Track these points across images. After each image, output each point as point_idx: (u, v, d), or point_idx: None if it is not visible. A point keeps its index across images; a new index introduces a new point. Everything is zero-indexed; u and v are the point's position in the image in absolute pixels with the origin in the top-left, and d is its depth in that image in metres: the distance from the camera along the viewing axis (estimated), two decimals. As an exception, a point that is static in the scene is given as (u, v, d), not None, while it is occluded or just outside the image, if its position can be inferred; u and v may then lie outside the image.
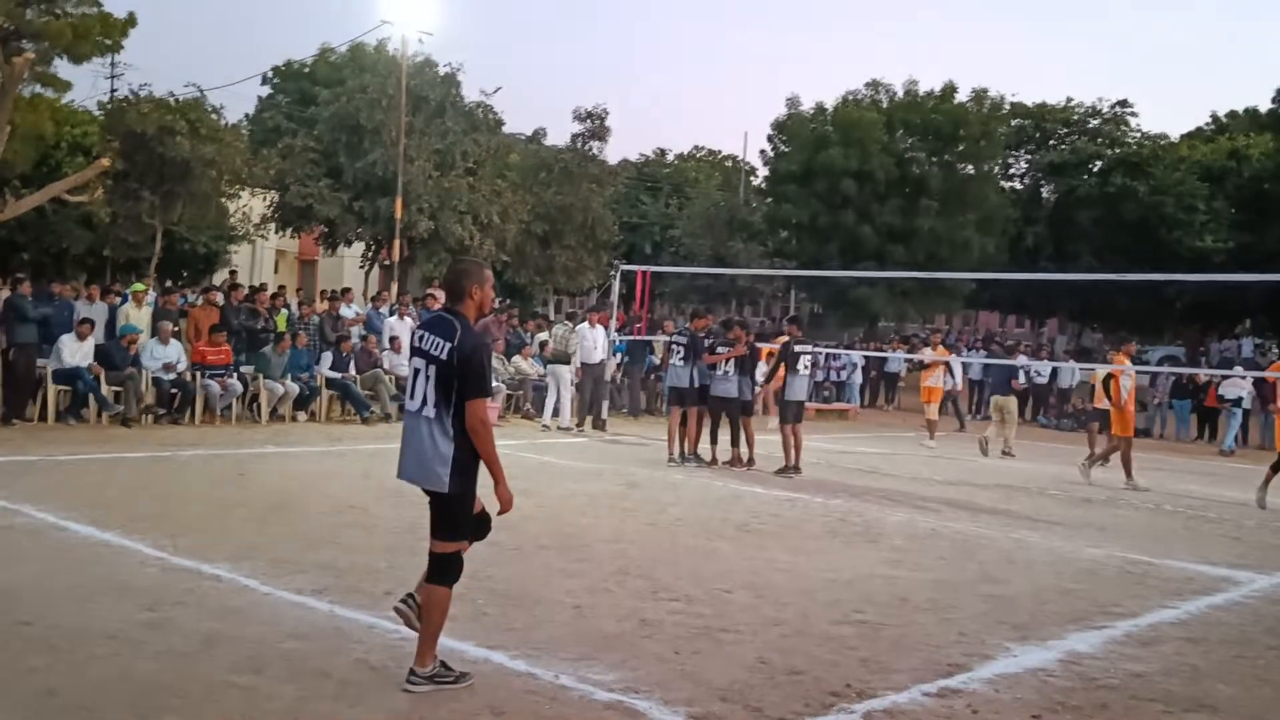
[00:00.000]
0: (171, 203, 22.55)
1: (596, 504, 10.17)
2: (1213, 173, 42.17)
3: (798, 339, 14.29)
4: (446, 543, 5.00)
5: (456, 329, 4.93)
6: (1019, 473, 15.47)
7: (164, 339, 14.95)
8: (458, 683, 4.95)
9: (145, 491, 9.49)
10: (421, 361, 4.97)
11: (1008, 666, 5.81)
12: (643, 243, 46.51)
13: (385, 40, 30.96)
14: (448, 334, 4.93)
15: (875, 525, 10.04)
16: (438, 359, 4.90)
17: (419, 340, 5.04)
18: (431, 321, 5.14)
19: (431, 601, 4.97)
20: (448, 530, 4.99)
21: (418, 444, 4.96)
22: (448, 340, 4.91)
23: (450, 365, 4.87)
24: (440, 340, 4.93)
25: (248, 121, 41.84)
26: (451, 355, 4.87)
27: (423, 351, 4.98)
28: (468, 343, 4.89)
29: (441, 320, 5.05)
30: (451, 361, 4.86)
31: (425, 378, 4.94)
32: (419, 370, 4.98)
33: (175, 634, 5.47)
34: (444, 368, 4.88)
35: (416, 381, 4.98)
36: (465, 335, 4.91)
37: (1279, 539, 10.93)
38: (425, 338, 5.01)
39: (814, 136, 37.79)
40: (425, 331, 5.05)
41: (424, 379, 4.95)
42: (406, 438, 5.05)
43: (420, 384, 4.96)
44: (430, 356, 4.94)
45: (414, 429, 5.00)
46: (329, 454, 12.88)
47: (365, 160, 26.22)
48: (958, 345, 32.80)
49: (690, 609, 6.54)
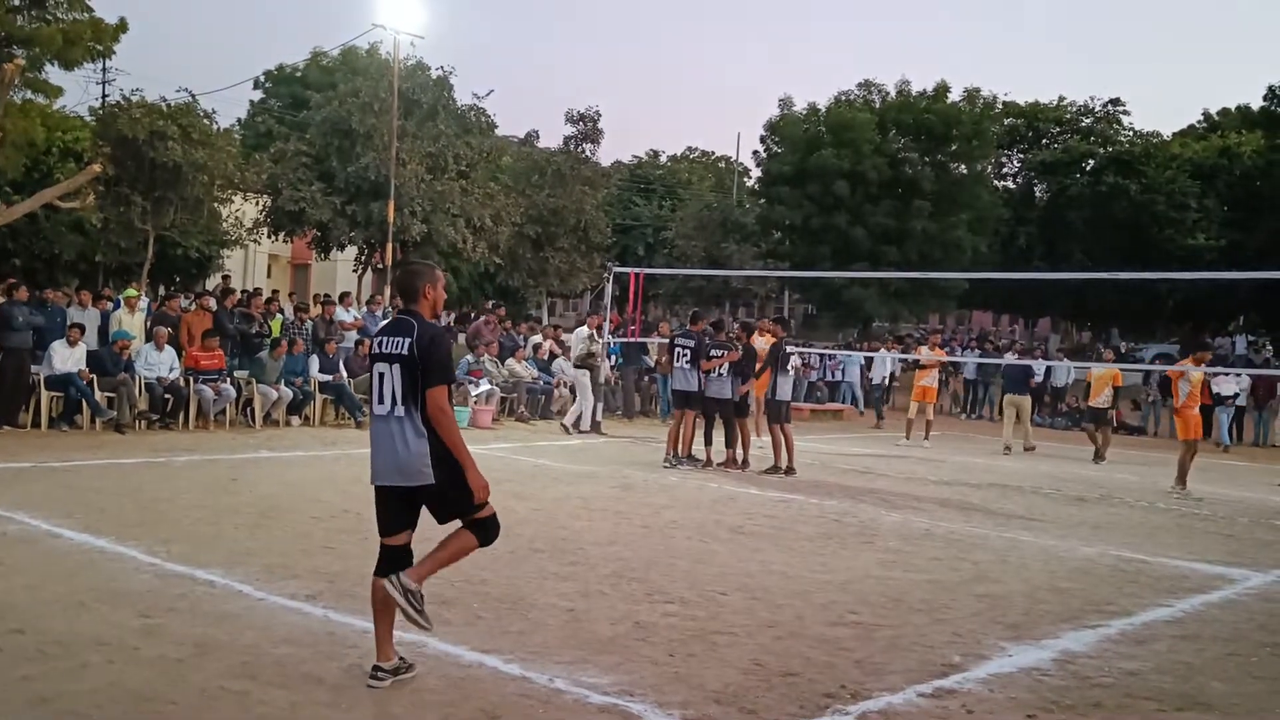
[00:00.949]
0: (163, 208, 22.53)
1: (590, 507, 10.16)
2: (1204, 171, 42.28)
3: (785, 339, 14.29)
4: (474, 513, 5.00)
5: (414, 325, 4.99)
6: (1012, 472, 15.49)
7: (159, 344, 14.92)
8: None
9: (138, 497, 9.46)
10: (385, 365, 5.00)
11: (1002, 666, 5.81)
12: (636, 245, 46.55)
13: (377, 44, 31.09)
14: (405, 331, 4.99)
15: (870, 526, 10.05)
16: (400, 356, 4.95)
17: (379, 345, 5.07)
18: (388, 326, 5.16)
19: (459, 543, 5.04)
20: (462, 505, 5.00)
21: (391, 446, 4.98)
22: (406, 336, 4.96)
23: (413, 359, 4.92)
24: (399, 338, 4.98)
25: (239, 126, 41.94)
26: (412, 349, 4.92)
27: (384, 355, 5.01)
28: (427, 333, 4.96)
29: (398, 322, 5.10)
30: (413, 354, 4.92)
31: (390, 378, 4.98)
32: (383, 374, 5.00)
33: (168, 640, 5.46)
34: (407, 363, 4.93)
35: (383, 385, 5.01)
36: (423, 327, 4.97)
37: (1272, 536, 10.96)
38: (385, 341, 5.05)
39: (807, 137, 37.85)
40: (384, 336, 5.08)
41: (389, 380, 4.98)
42: (379, 441, 5.06)
43: (387, 386, 4.99)
44: (392, 356, 4.97)
45: (385, 432, 5.01)
46: (322, 458, 12.86)
47: (357, 164, 26.20)
48: (951, 345, 32.84)
49: (685, 611, 6.54)
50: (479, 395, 17.66)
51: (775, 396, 13.74)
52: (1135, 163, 42.37)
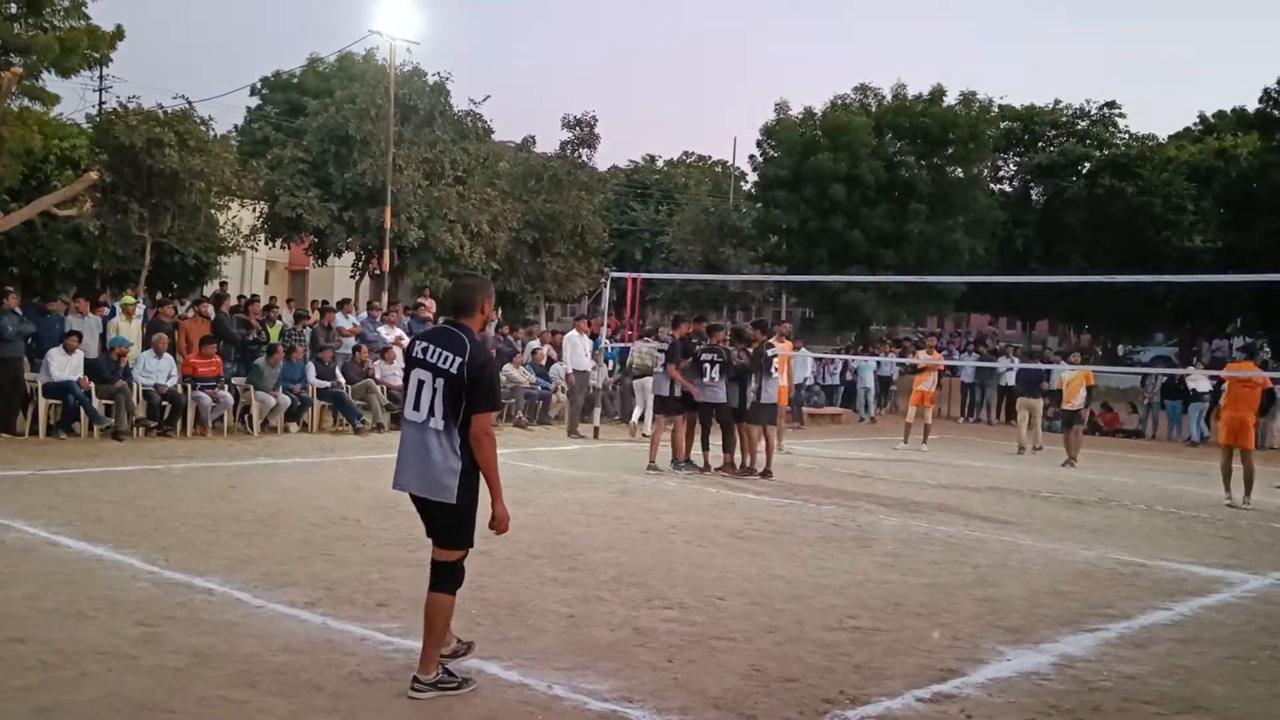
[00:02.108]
0: (160, 215, 22.51)
1: (589, 512, 10.15)
2: (1200, 173, 42.36)
3: (768, 343, 14.29)
4: (452, 550, 5.03)
5: (466, 343, 4.93)
6: (1011, 475, 15.49)
7: (158, 351, 14.91)
8: (460, 689, 4.98)
9: (137, 505, 9.45)
10: (427, 374, 4.95)
11: (1001, 670, 5.81)
12: (633, 249, 46.56)
13: (373, 50, 31.06)
14: (457, 348, 4.93)
15: (868, 530, 10.05)
16: (447, 372, 4.90)
17: (422, 352, 5.00)
18: (435, 334, 5.08)
19: (436, 608, 4.97)
20: (454, 539, 5.02)
21: (423, 456, 4.94)
22: (458, 355, 4.90)
23: (460, 379, 4.87)
24: (449, 354, 4.92)
25: (236, 133, 41.94)
26: (462, 370, 4.87)
27: (428, 364, 4.95)
28: (479, 357, 4.92)
29: (447, 333, 5.03)
30: (462, 375, 4.86)
31: (432, 390, 4.92)
32: (424, 382, 4.95)
33: (167, 649, 5.45)
34: (453, 381, 4.88)
35: (421, 393, 4.96)
36: (476, 350, 4.93)
37: (1271, 538, 10.97)
38: (430, 350, 4.98)
39: (803, 141, 37.83)
40: (429, 344, 5.02)
41: (430, 391, 4.93)
42: (409, 449, 5.03)
43: (426, 396, 4.94)
44: (437, 369, 4.92)
45: (418, 440, 4.98)
46: (321, 465, 12.85)
47: (354, 170, 26.20)
48: (949, 348, 32.87)
49: (684, 617, 6.54)
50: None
51: (760, 400, 13.71)
52: (1132, 165, 42.44)
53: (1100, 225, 41.44)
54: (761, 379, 13.68)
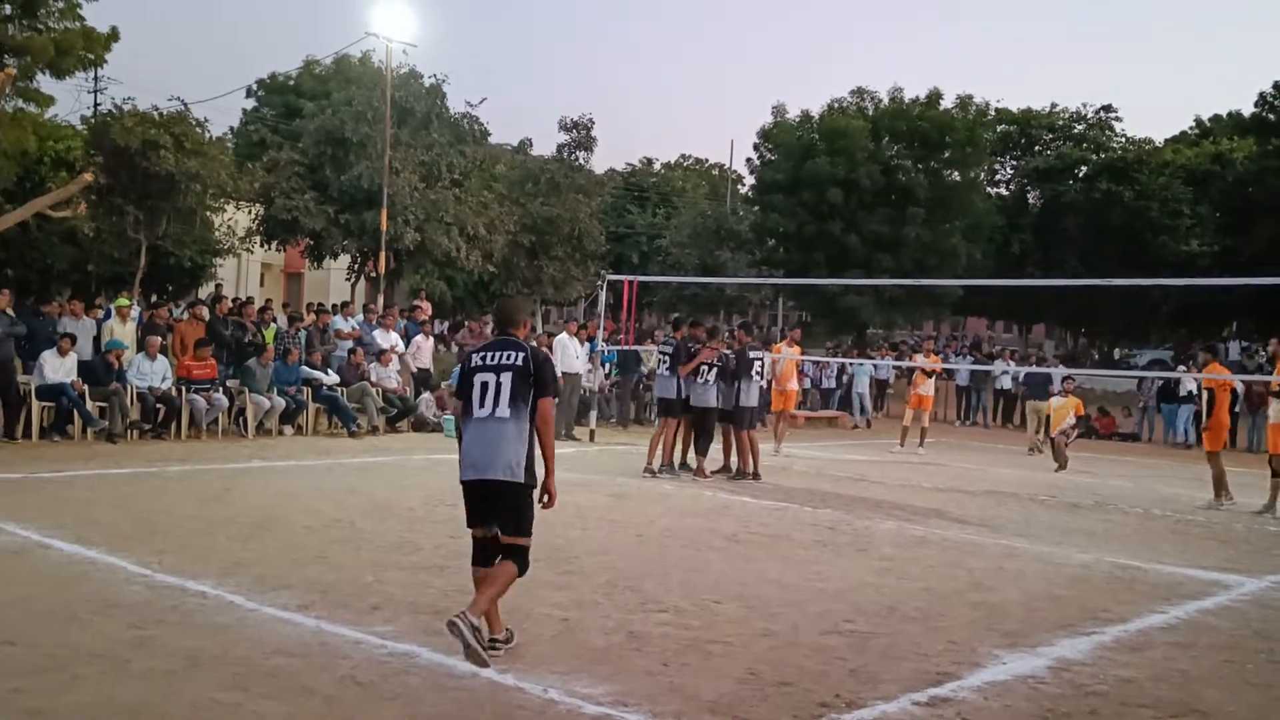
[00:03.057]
0: (156, 217, 22.44)
1: (584, 516, 10.12)
2: (1197, 177, 42.43)
3: (751, 345, 14.27)
4: (521, 537, 5.62)
5: (523, 344, 5.74)
6: (1007, 479, 15.49)
7: (151, 354, 14.87)
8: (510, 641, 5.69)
9: (130, 508, 9.43)
10: (491, 375, 5.60)
11: (997, 674, 5.79)
12: (630, 253, 46.55)
13: (370, 52, 30.96)
14: (516, 348, 5.68)
15: (864, 534, 10.03)
16: (513, 366, 5.58)
17: (482, 360, 5.68)
18: (491, 344, 5.83)
19: (503, 570, 5.56)
20: (521, 525, 5.61)
21: (494, 445, 5.50)
22: (519, 351, 5.65)
23: (526, 369, 5.57)
24: (511, 353, 5.65)
25: (232, 135, 41.86)
26: (527, 362, 5.60)
27: (490, 366, 5.63)
28: (540, 352, 5.74)
29: (503, 341, 5.80)
30: (528, 367, 5.58)
31: (497, 385, 5.56)
32: (486, 383, 5.59)
33: (160, 652, 5.43)
34: (520, 372, 5.57)
35: (486, 393, 5.58)
36: (534, 350, 5.72)
37: (1267, 542, 10.96)
38: (489, 355, 5.69)
39: (800, 145, 37.89)
40: (487, 351, 5.74)
41: (495, 387, 5.56)
42: (478, 441, 5.57)
43: (489, 393, 5.57)
44: (504, 367, 5.60)
45: (486, 432, 5.55)
46: (316, 468, 12.82)
47: (351, 173, 26.14)
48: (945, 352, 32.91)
49: (679, 621, 6.52)
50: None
51: (741, 403, 13.68)
52: (1128, 169, 42.51)
53: (1097, 229, 41.50)
54: (742, 381, 13.65)
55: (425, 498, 10.65)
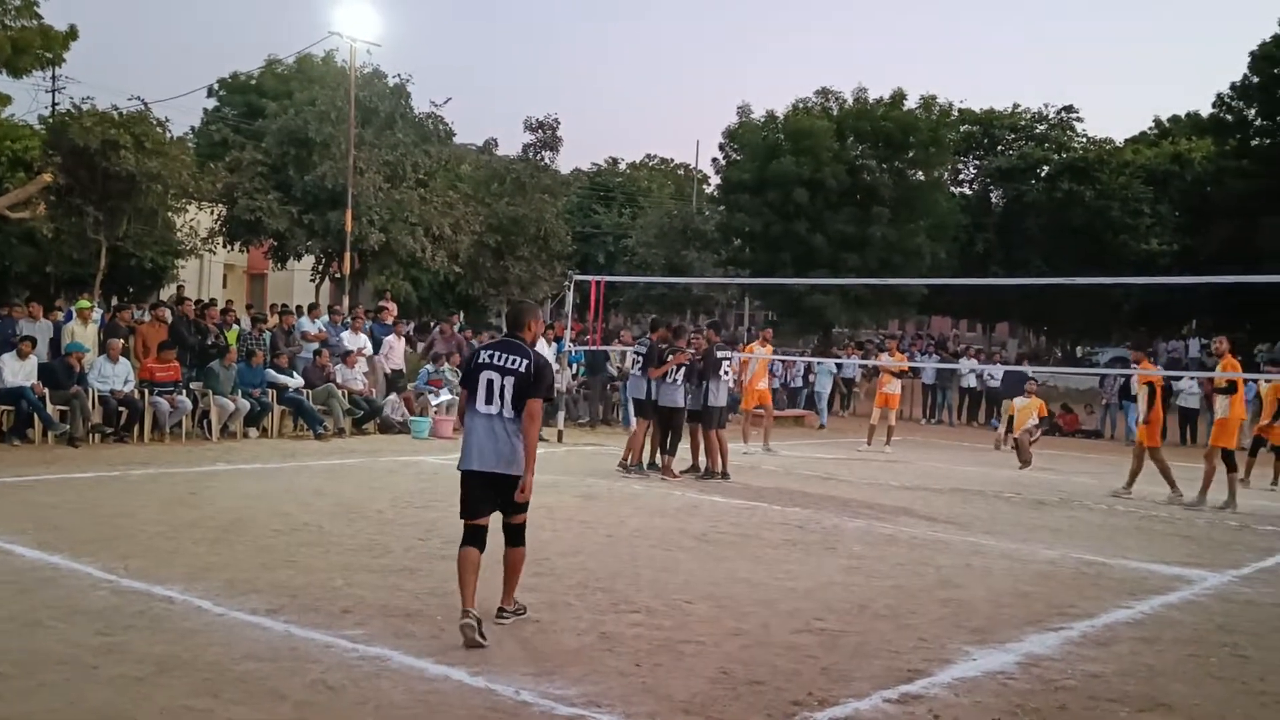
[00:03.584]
0: (116, 218, 22.20)
1: (554, 517, 10.10)
2: (1157, 177, 42.96)
3: (719, 345, 14.30)
4: (521, 514, 6.29)
5: (527, 349, 6.23)
6: (974, 477, 15.61)
7: (113, 356, 14.69)
8: (521, 613, 6.39)
9: (94, 513, 9.31)
10: (496, 374, 6.15)
11: (967, 670, 5.84)
12: (596, 253, 46.54)
13: (333, 52, 30.77)
14: (521, 353, 6.19)
15: (834, 533, 10.07)
16: (516, 371, 6.13)
17: (489, 358, 6.22)
18: (499, 344, 6.35)
19: (518, 558, 6.32)
20: (522, 505, 6.22)
21: (497, 439, 6.10)
22: (524, 358, 6.17)
23: (528, 376, 6.11)
24: (515, 357, 6.17)
25: (194, 135, 41.44)
26: (529, 369, 6.13)
27: (496, 367, 6.16)
28: (540, 361, 6.22)
29: (510, 343, 6.30)
30: (529, 373, 6.11)
31: (501, 386, 6.12)
32: (492, 381, 6.14)
33: (128, 658, 5.36)
34: (522, 378, 6.11)
35: (490, 390, 6.14)
36: (536, 355, 6.23)
37: (1228, 537, 11.11)
38: (496, 356, 6.21)
39: (766, 145, 38.00)
40: (494, 351, 6.27)
41: (500, 387, 6.12)
42: (483, 435, 6.13)
43: (495, 391, 6.13)
44: (506, 370, 6.14)
45: (489, 428, 6.12)
46: (282, 471, 12.71)
47: (314, 173, 25.95)
48: (911, 350, 33.12)
49: (651, 621, 6.52)
50: (439, 405, 17.55)
51: (709, 402, 13.72)
52: (1090, 169, 42.98)
53: (1059, 228, 41.93)
54: (710, 381, 13.68)
55: (394, 499, 10.59)
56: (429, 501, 10.52)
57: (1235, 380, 13.71)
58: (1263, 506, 13.88)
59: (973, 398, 27.58)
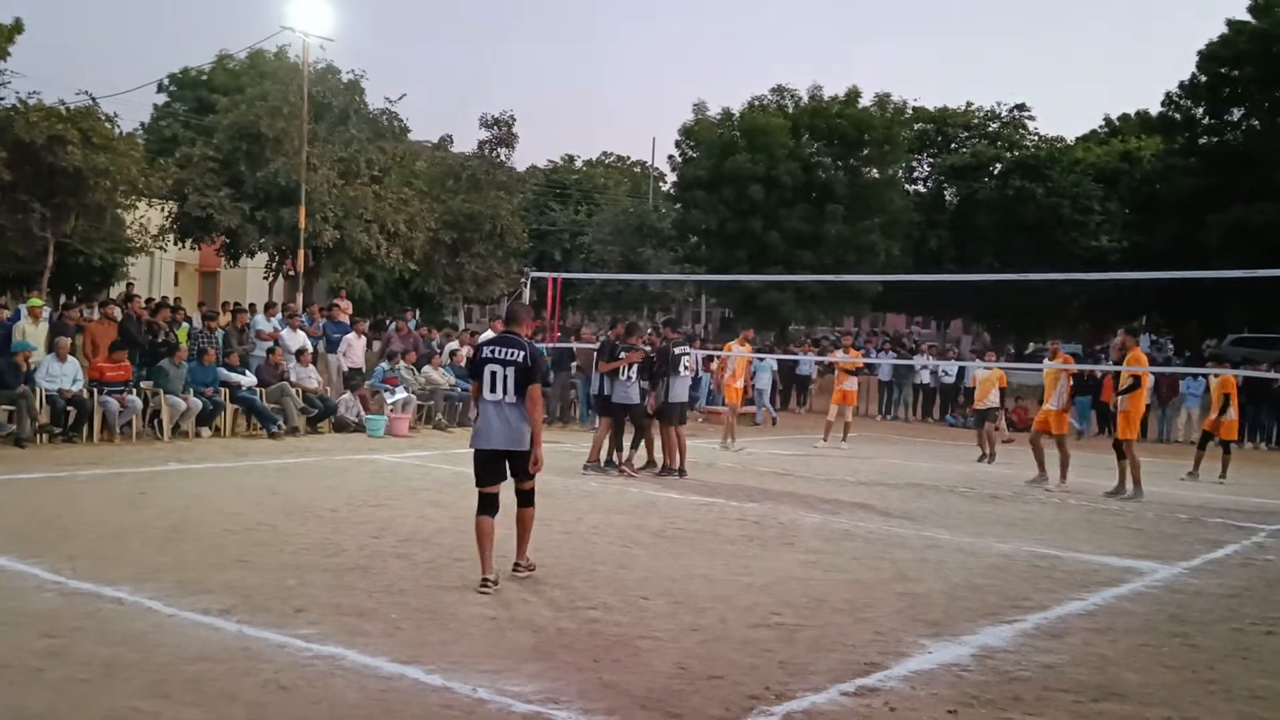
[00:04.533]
0: (63, 214, 21.84)
1: (511, 514, 10.03)
2: (1106, 174, 43.56)
3: (676, 342, 14.31)
4: (530, 480, 7.33)
5: (524, 343, 7.28)
6: (928, 472, 15.73)
7: (61, 355, 14.42)
8: (532, 569, 7.48)
9: (40, 513, 9.13)
10: (499, 366, 7.18)
11: (923, 663, 5.87)
12: (553, 250, 46.42)
13: (285, 47, 30.45)
14: (519, 346, 7.24)
15: (790, 528, 10.10)
16: (516, 362, 7.17)
17: (491, 353, 7.27)
18: (498, 339, 7.43)
19: (529, 517, 7.45)
20: (529, 473, 7.25)
21: (507, 423, 7.17)
22: (520, 349, 7.21)
23: (526, 365, 7.15)
24: (515, 350, 7.21)
25: (143, 130, 40.84)
26: (526, 359, 7.18)
27: (498, 359, 7.21)
28: (535, 351, 7.30)
29: (508, 338, 7.35)
30: (527, 363, 7.16)
31: (504, 376, 7.16)
32: (495, 373, 7.18)
33: (74, 661, 5.26)
34: (521, 368, 7.14)
35: (494, 380, 7.18)
36: (530, 346, 7.28)
37: (1177, 529, 11.27)
38: (497, 350, 7.26)
39: (721, 142, 38.10)
40: (495, 346, 7.32)
41: (503, 377, 7.16)
42: (492, 420, 7.18)
43: (498, 380, 7.17)
44: (508, 361, 7.18)
45: (498, 413, 7.18)
46: (234, 470, 12.55)
47: (267, 169, 25.65)
48: (866, 347, 33.33)
49: (608, 618, 6.50)
50: (395, 403, 17.42)
51: (668, 399, 13.72)
52: (1041, 167, 43.48)
53: (1011, 225, 42.37)
54: (669, 378, 13.67)
55: (348, 498, 10.49)
56: (383, 500, 10.43)
57: (1140, 377, 13.99)
58: (1211, 499, 14.09)
59: (927, 394, 27.81)
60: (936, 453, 18.99)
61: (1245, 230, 34.75)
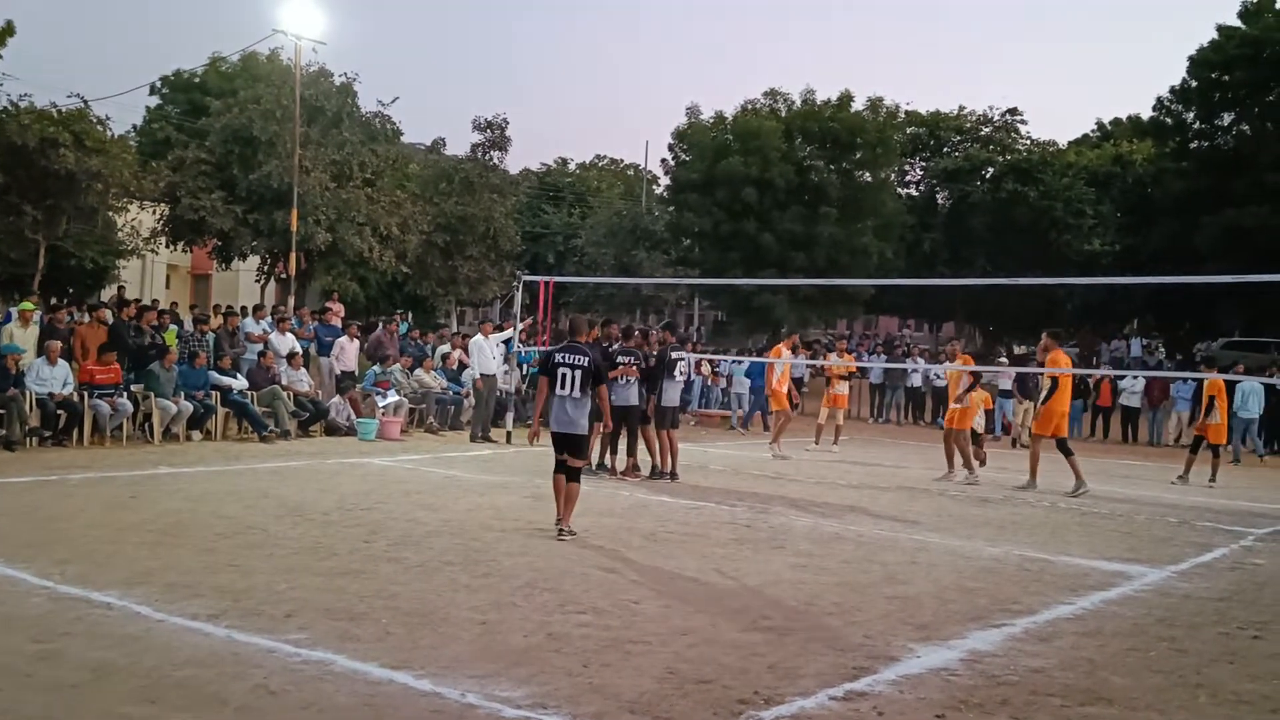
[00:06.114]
0: (56, 217, 21.82)
1: (503, 517, 10.06)
2: (1099, 178, 43.70)
3: (674, 345, 14.30)
4: (581, 459, 9.41)
5: (587, 350, 9.38)
6: (919, 476, 15.75)
7: (52, 359, 14.39)
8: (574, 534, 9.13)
9: (30, 517, 9.11)
10: (568, 370, 9.21)
11: (911, 667, 5.88)
12: (546, 252, 46.43)
13: (278, 50, 30.45)
14: (584, 352, 9.33)
15: (781, 531, 10.12)
16: (583, 367, 9.21)
17: (563, 358, 9.30)
18: (567, 348, 9.45)
19: (575, 490, 9.25)
20: (581, 453, 9.45)
21: (567, 412, 9.22)
22: (585, 355, 9.29)
23: (591, 368, 9.25)
24: (581, 356, 9.29)
25: (136, 133, 40.79)
26: (592, 363, 9.28)
27: (569, 364, 9.24)
28: (598, 357, 9.48)
29: (574, 346, 9.42)
30: (592, 366, 9.26)
31: (573, 378, 9.18)
32: (565, 374, 9.21)
33: (64, 665, 5.26)
34: (586, 371, 9.21)
35: (564, 379, 9.21)
36: (595, 353, 9.48)
37: (1167, 533, 11.30)
38: (568, 355, 9.31)
39: (715, 145, 38.17)
40: (565, 353, 9.36)
41: (572, 378, 9.19)
42: (559, 409, 9.25)
43: (568, 379, 9.20)
44: (576, 365, 9.22)
45: (563, 405, 9.22)
46: (225, 473, 12.53)
47: (259, 172, 25.64)
48: (858, 350, 33.36)
49: (598, 621, 6.51)
50: (386, 406, 17.41)
51: (662, 402, 13.72)
52: (1033, 170, 43.61)
53: (1004, 229, 42.49)
54: (664, 381, 13.67)
55: (339, 501, 10.48)
56: (374, 503, 10.42)
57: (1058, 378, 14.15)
58: (1201, 503, 14.13)
59: (919, 397, 27.84)
60: (928, 456, 18.99)
61: (1237, 233, 34.87)
